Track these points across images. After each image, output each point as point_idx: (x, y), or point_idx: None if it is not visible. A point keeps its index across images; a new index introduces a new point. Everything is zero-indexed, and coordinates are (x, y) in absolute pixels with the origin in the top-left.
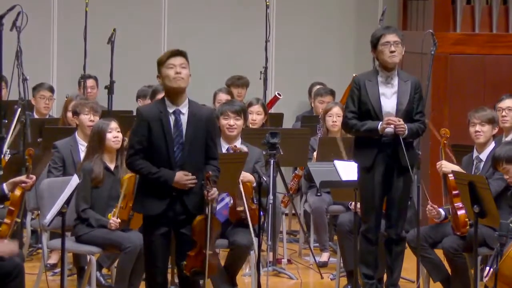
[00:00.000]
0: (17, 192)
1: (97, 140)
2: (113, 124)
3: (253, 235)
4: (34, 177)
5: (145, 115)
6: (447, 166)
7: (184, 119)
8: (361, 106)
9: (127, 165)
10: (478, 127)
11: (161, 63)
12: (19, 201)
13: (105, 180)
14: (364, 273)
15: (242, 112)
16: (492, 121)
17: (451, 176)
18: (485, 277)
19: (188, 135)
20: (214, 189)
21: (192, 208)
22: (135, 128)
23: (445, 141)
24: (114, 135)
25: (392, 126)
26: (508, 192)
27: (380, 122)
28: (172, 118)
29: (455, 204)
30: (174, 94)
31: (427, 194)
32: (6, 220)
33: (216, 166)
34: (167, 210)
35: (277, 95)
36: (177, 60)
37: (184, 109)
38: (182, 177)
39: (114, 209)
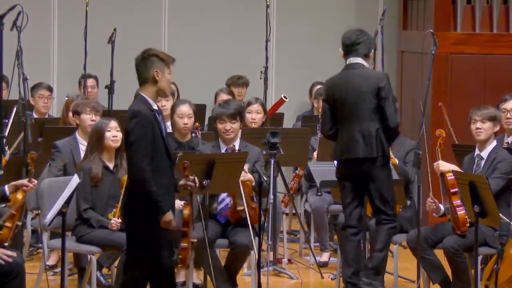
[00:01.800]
0: (19, 195)
1: (95, 139)
2: (113, 123)
3: (252, 235)
4: (35, 181)
5: (149, 117)
6: (444, 165)
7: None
8: None
9: (139, 181)
10: (479, 124)
11: (168, 64)
12: (21, 205)
13: (105, 179)
14: (349, 275)
15: (238, 114)
16: (493, 119)
17: (449, 176)
18: None
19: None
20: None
21: None
22: (143, 134)
23: (441, 141)
24: (113, 134)
25: None
26: (507, 190)
27: None
28: (159, 117)
29: (454, 203)
30: (158, 96)
31: (430, 190)
32: (8, 224)
33: None
34: None
35: (283, 97)
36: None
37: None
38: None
39: (114, 209)
